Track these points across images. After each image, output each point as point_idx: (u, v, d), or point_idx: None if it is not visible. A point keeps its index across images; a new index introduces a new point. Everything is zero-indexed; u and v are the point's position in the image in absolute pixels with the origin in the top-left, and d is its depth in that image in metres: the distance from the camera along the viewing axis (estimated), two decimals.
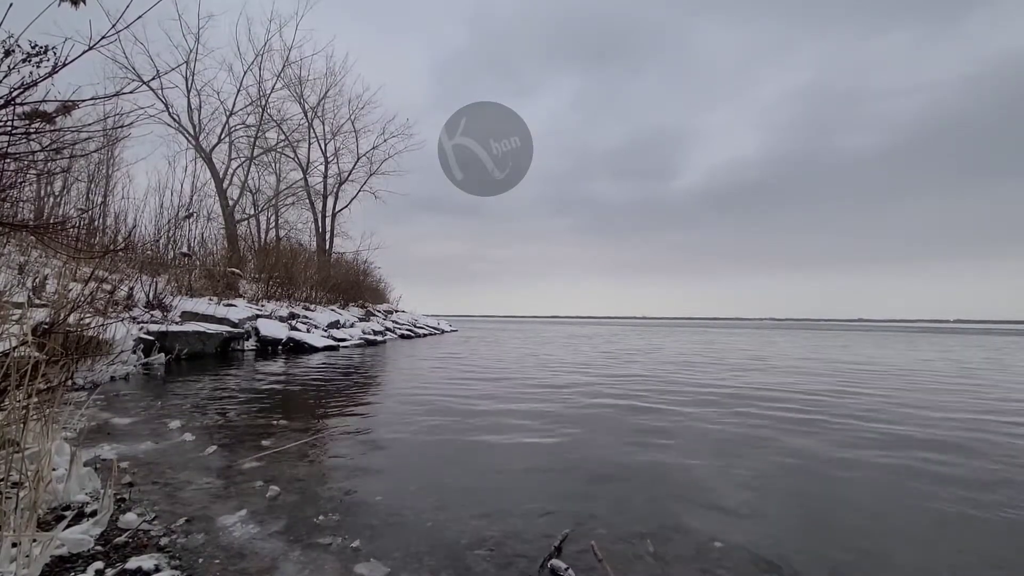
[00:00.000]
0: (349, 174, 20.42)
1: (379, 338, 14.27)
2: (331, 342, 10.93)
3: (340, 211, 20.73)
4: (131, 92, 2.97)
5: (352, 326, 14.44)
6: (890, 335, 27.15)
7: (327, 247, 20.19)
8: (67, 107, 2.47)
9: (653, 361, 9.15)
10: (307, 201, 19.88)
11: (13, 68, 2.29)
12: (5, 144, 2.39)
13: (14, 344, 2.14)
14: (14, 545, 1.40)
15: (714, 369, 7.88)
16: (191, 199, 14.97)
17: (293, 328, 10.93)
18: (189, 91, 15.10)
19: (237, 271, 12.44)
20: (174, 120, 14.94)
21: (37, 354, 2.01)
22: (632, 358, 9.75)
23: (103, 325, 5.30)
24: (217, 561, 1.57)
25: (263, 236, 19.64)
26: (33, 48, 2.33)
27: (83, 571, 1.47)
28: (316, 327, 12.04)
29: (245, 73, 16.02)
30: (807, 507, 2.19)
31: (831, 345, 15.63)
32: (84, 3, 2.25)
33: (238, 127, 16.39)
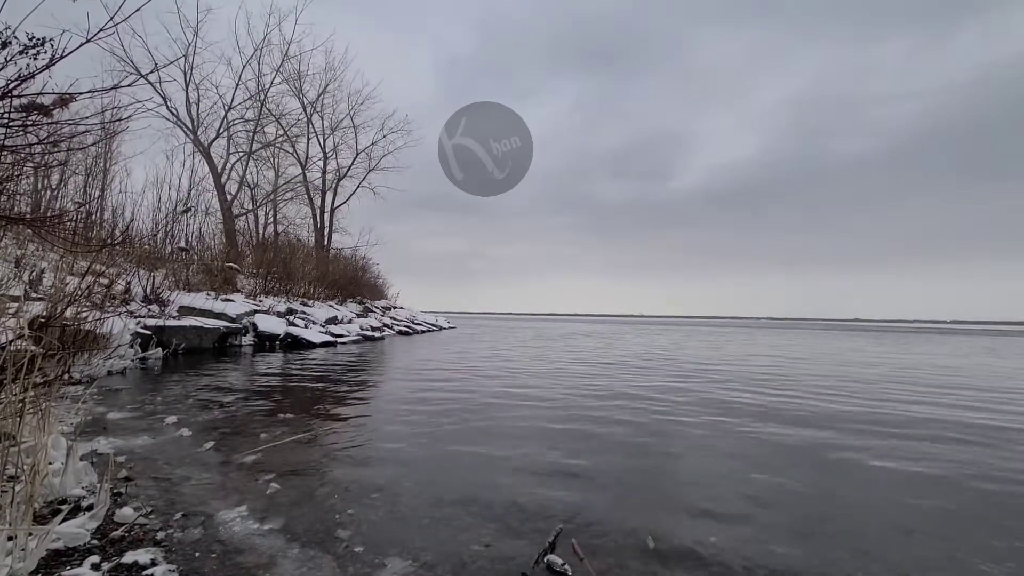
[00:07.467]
0: (348, 170, 20.37)
1: (377, 334, 14.25)
2: (329, 338, 10.92)
3: (339, 207, 20.71)
4: (129, 85, 2.96)
5: (350, 322, 14.42)
6: (909, 336, 27.19)
7: (325, 243, 20.14)
8: (64, 100, 2.46)
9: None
10: (305, 196, 19.81)
11: (10, 60, 2.28)
12: (2, 137, 2.38)
13: (11, 337, 2.13)
14: (10, 539, 1.40)
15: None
16: (189, 193, 14.93)
17: (291, 324, 10.91)
18: (187, 85, 15.04)
19: (235, 266, 12.41)
20: (172, 114, 14.88)
21: (34, 348, 2.01)
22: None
23: (100, 319, 5.29)
24: (214, 556, 1.57)
25: (261, 231, 19.59)
26: (30, 40, 2.31)
27: (79, 565, 1.47)
28: (314, 323, 12.03)
29: (244, 67, 15.96)
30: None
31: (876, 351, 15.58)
32: None
33: (237, 121, 16.33)
